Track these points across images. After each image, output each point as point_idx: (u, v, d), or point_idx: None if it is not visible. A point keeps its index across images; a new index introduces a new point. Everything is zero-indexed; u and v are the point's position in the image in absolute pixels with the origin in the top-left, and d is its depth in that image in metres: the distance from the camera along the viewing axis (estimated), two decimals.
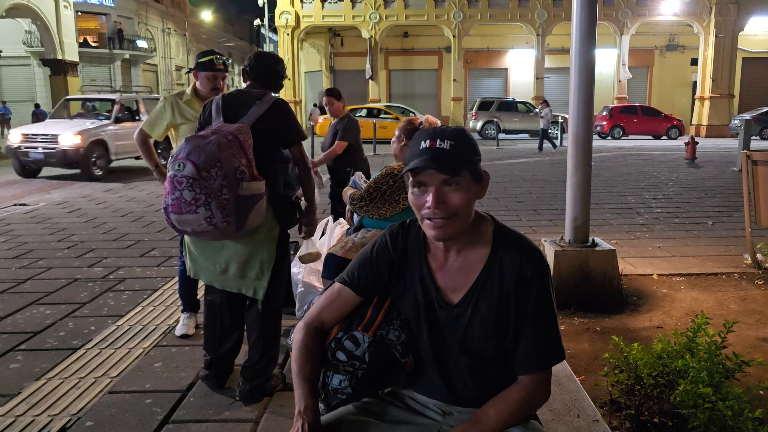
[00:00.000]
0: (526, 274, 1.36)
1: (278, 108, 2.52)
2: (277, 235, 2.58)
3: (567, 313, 3.96)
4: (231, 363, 2.81)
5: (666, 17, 28.19)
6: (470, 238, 1.41)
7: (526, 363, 1.38)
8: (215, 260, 2.55)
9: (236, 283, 2.56)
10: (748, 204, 5.04)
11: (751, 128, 12.81)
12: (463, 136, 1.36)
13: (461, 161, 1.32)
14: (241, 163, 2.26)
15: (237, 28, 51.85)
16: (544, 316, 1.38)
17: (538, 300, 1.37)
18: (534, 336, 1.38)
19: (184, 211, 2.19)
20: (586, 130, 4.13)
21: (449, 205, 1.31)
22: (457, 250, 1.43)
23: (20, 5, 17.71)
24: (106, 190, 10.06)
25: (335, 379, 1.42)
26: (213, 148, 2.20)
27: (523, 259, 1.37)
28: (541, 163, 14.39)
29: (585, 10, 4.00)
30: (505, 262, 1.38)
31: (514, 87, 31.32)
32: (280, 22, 27.91)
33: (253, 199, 2.31)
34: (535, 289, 1.36)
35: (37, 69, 28.32)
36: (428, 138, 1.34)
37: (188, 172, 2.17)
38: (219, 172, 2.19)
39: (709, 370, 2.28)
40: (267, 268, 2.54)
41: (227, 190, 2.20)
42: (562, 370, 2.54)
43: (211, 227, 2.22)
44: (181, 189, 2.18)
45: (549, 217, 7.43)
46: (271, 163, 2.51)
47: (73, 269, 4.99)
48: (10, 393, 2.79)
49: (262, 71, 2.66)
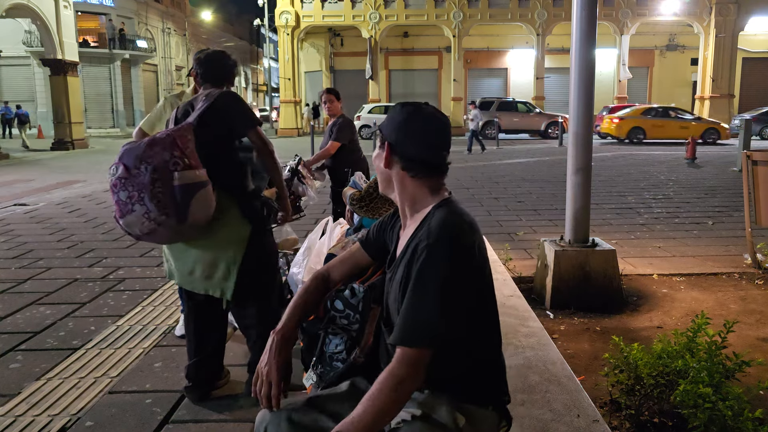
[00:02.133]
0: (420, 245, 1.33)
1: (222, 100, 2.50)
2: (246, 235, 2.51)
3: (567, 313, 3.96)
4: (213, 372, 2.74)
5: (666, 17, 28.17)
6: (413, 209, 1.45)
7: (393, 334, 1.31)
8: (183, 261, 2.53)
9: (203, 284, 2.52)
10: (748, 204, 5.04)
11: (751, 128, 12.80)
12: (392, 110, 1.47)
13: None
14: (173, 155, 2.24)
15: (237, 28, 51.82)
16: (419, 290, 1.29)
17: (419, 272, 1.30)
18: (405, 308, 1.30)
19: (125, 212, 2.21)
20: (586, 129, 4.13)
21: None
22: (403, 217, 1.49)
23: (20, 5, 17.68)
24: (106, 190, 10.05)
25: (332, 344, 1.51)
26: (143, 147, 2.22)
27: (429, 232, 1.33)
28: (541, 163, 14.39)
29: (585, 10, 4.01)
30: (419, 234, 1.37)
31: (514, 87, 31.31)
32: (280, 22, 27.89)
33: (190, 188, 2.26)
34: (421, 260, 1.30)
35: (37, 69, 28.28)
36: None
37: (120, 173, 2.20)
38: (148, 167, 2.19)
39: (709, 370, 2.28)
40: (233, 269, 2.49)
41: (160, 183, 2.19)
42: (562, 370, 2.54)
43: (153, 224, 2.21)
44: (117, 191, 2.22)
45: (549, 217, 7.43)
46: (230, 158, 2.50)
47: (73, 269, 5.00)
48: (10, 393, 2.80)
49: (211, 74, 2.65)
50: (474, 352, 1.40)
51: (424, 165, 1.42)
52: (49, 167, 14.33)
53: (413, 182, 1.43)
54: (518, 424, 2.07)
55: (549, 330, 3.25)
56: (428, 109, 1.45)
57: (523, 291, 3.97)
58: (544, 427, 2.08)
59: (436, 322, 1.27)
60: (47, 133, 24.42)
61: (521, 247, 5.84)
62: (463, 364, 1.39)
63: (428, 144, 1.42)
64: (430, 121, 1.43)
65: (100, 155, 17.90)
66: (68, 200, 8.95)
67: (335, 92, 5.13)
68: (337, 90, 5.21)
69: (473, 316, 1.35)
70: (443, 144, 1.45)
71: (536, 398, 2.28)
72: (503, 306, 3.29)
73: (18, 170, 13.71)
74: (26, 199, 9.01)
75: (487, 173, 12.16)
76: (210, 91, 2.56)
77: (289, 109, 28.15)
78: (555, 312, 3.98)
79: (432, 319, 1.27)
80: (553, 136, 23.15)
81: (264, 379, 1.40)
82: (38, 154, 18.11)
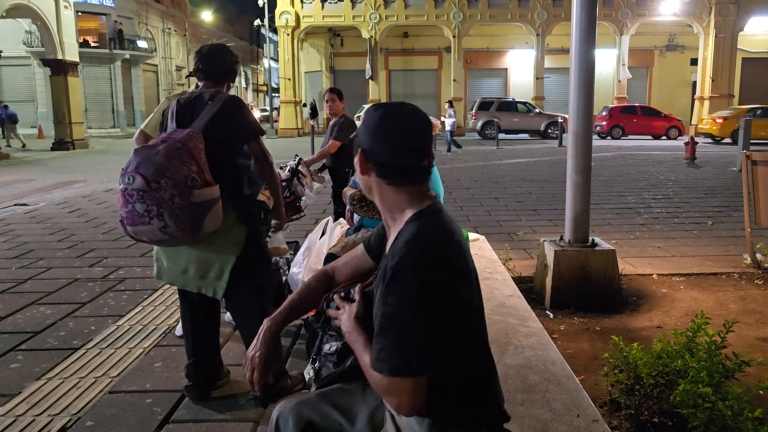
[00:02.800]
0: (388, 265, 1.23)
1: (230, 106, 2.49)
2: (242, 238, 2.52)
3: (567, 313, 3.96)
4: (213, 371, 2.75)
5: (666, 17, 28.17)
6: (392, 219, 1.35)
7: (382, 361, 1.22)
8: (176, 260, 2.53)
9: (196, 283, 2.53)
10: (748, 204, 5.04)
11: (750, 128, 12.80)
12: (365, 113, 1.36)
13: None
14: (191, 170, 2.24)
15: (237, 28, 51.81)
16: (386, 324, 1.21)
17: (384, 299, 1.21)
18: (376, 339, 1.23)
19: (138, 223, 2.20)
20: (586, 129, 4.14)
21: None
22: (389, 227, 1.38)
23: (20, 5, 17.68)
24: (107, 190, 10.05)
25: (327, 345, 1.51)
26: (161, 158, 2.19)
27: (393, 252, 1.24)
28: (541, 163, 14.39)
29: (585, 10, 4.01)
30: (393, 248, 1.27)
31: (514, 87, 31.31)
32: (280, 22, 27.89)
33: (206, 205, 2.28)
34: (386, 284, 1.21)
35: (37, 69, 28.28)
36: None
37: (138, 185, 2.17)
38: (169, 182, 2.18)
39: (709, 370, 2.29)
40: (227, 269, 2.49)
41: (179, 199, 2.19)
42: (562, 369, 2.54)
43: (166, 236, 2.22)
44: (132, 202, 2.19)
45: (549, 217, 7.43)
46: (230, 164, 2.49)
47: (73, 269, 5.00)
48: (10, 393, 2.80)
49: (213, 69, 2.63)
50: (458, 374, 1.27)
51: (399, 172, 1.30)
52: (49, 167, 14.33)
53: (392, 190, 1.32)
54: (518, 424, 2.07)
55: (549, 330, 3.25)
56: (405, 109, 1.33)
57: (523, 291, 3.98)
58: (544, 427, 2.08)
59: (409, 360, 1.18)
60: (47, 133, 24.41)
61: (521, 247, 5.84)
62: (451, 386, 1.27)
63: (403, 148, 1.29)
64: (403, 121, 1.31)
65: (100, 155, 17.91)
66: (68, 200, 8.96)
67: (338, 92, 5.15)
68: (339, 89, 5.23)
69: (455, 336, 1.23)
70: (419, 146, 1.30)
71: (536, 398, 2.28)
72: (503, 306, 3.29)
73: (18, 170, 13.71)
74: (26, 199, 9.01)
75: (487, 173, 12.16)
76: (214, 92, 2.55)
77: (289, 109, 28.16)
78: (555, 312, 3.98)
79: (405, 358, 1.18)
80: (553, 136, 23.16)
81: (248, 363, 1.43)
82: (38, 154, 18.11)
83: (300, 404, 1.45)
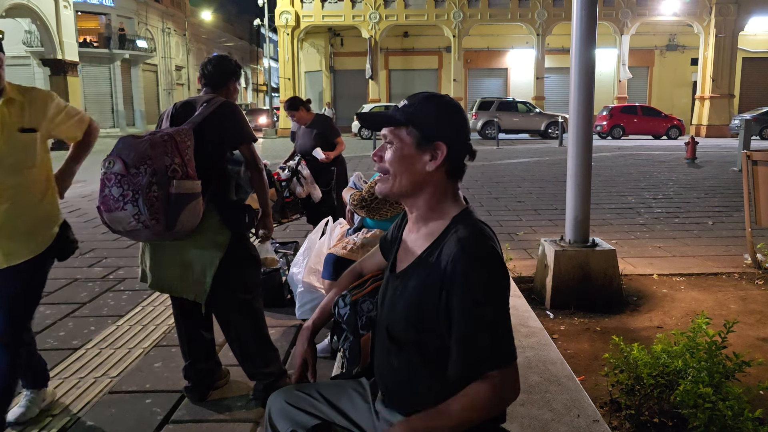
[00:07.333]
0: (457, 265, 1.23)
1: (224, 110, 2.50)
2: (225, 241, 2.48)
3: (567, 313, 3.96)
4: (211, 372, 2.74)
5: (666, 17, 28.18)
6: (431, 214, 1.35)
7: (488, 359, 1.23)
8: (157, 263, 2.51)
9: (179, 287, 2.51)
10: (748, 204, 5.04)
11: (751, 128, 12.80)
12: (424, 103, 1.32)
13: (395, 121, 1.31)
14: (174, 161, 2.22)
15: (237, 28, 51.80)
16: (479, 312, 1.23)
17: (470, 294, 1.22)
18: (470, 334, 1.24)
19: (113, 208, 2.18)
20: (586, 130, 4.13)
21: (383, 161, 1.34)
22: (417, 221, 1.38)
23: (20, 5, 17.70)
24: None
25: (340, 342, 1.58)
26: (144, 146, 2.19)
27: (463, 250, 1.24)
28: (541, 163, 14.39)
29: (585, 10, 4.00)
30: (448, 245, 1.27)
31: (514, 87, 31.31)
32: (280, 22, 27.90)
33: (185, 198, 2.24)
34: (469, 281, 1.22)
35: (37, 69, 28.25)
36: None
37: (117, 170, 2.17)
38: (148, 169, 2.16)
39: (709, 370, 2.28)
40: (209, 272, 2.46)
41: (157, 187, 2.17)
42: (562, 370, 2.54)
43: (140, 225, 2.18)
44: (109, 186, 2.19)
45: (549, 217, 7.43)
46: (217, 167, 2.48)
47: (73, 269, 4.99)
48: None
49: (210, 78, 2.65)
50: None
51: (463, 165, 1.34)
52: None
53: (449, 184, 1.34)
54: (518, 424, 2.07)
55: (549, 330, 3.25)
56: (453, 99, 1.36)
57: (523, 291, 3.98)
58: (544, 427, 2.08)
59: (511, 348, 1.25)
60: None
61: (521, 247, 5.84)
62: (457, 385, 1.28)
63: (468, 137, 1.35)
64: (461, 111, 1.35)
65: (100, 155, 17.72)
66: (68, 200, 8.95)
67: (294, 103, 5.16)
68: (293, 99, 5.19)
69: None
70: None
71: (536, 398, 2.28)
72: None
73: None
74: None
75: (487, 173, 12.15)
76: (210, 97, 2.56)
77: None
78: (555, 312, 3.98)
79: (509, 346, 1.25)
80: (553, 136, 23.16)
81: (293, 362, 1.55)
82: None
83: (289, 393, 1.51)
